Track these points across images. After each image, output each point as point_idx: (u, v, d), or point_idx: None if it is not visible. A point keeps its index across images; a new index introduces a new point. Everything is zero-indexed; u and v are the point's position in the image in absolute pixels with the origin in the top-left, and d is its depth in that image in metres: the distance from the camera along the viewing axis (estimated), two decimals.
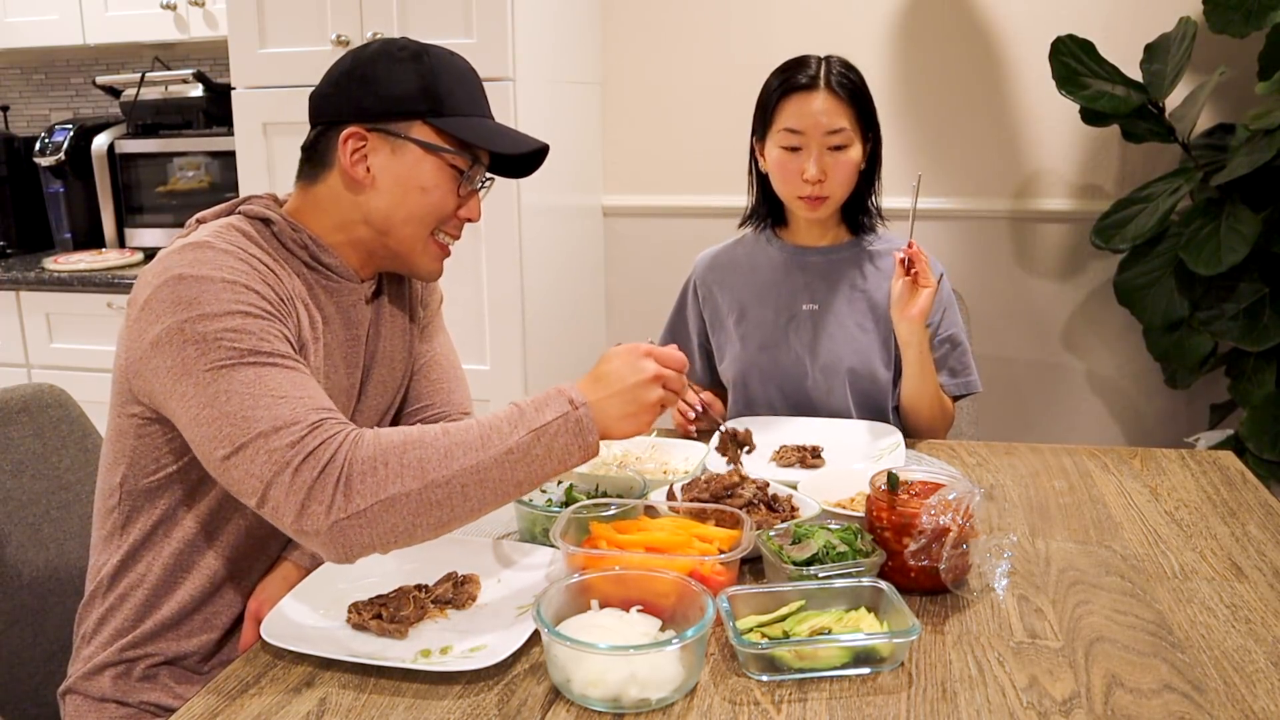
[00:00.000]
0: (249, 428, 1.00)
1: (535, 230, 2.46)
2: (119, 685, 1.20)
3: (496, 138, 1.22)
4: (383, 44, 1.21)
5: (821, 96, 1.64)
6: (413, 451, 1.00)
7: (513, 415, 1.05)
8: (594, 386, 1.08)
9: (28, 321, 2.87)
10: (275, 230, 1.20)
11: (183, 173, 2.97)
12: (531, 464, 1.03)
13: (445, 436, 1.02)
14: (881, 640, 0.98)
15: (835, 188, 1.68)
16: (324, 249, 1.22)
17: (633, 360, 1.09)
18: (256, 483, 0.99)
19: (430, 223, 1.23)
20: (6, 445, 1.40)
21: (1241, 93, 2.44)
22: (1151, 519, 1.36)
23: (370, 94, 1.18)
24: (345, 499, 0.98)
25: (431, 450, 1.01)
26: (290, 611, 1.08)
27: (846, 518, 1.23)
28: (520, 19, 2.32)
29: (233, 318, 1.05)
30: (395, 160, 1.19)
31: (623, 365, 1.09)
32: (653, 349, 1.11)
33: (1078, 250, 2.66)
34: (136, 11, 2.92)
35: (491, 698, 0.95)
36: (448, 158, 1.20)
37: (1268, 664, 0.99)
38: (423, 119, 1.19)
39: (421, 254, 1.26)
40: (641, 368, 1.08)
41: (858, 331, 1.74)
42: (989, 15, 2.59)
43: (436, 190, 1.21)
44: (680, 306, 1.92)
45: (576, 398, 1.05)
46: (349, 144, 1.18)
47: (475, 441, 1.02)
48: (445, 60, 1.21)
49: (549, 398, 1.06)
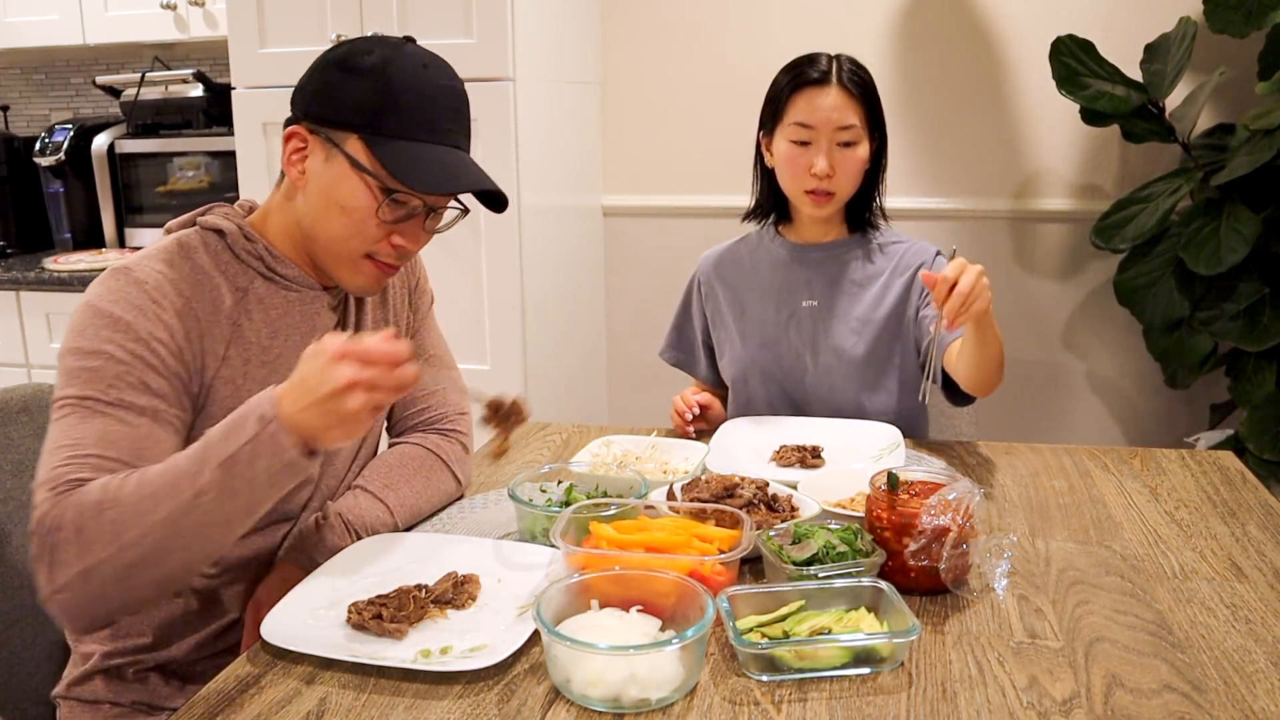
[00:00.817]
0: (39, 474, 1.02)
1: (535, 230, 2.46)
2: (111, 687, 1.21)
3: (421, 173, 1.13)
4: (351, 45, 1.17)
5: (834, 92, 1.64)
6: (107, 514, 0.96)
7: (201, 450, 0.98)
8: (292, 395, 0.97)
9: (28, 321, 2.87)
10: (228, 241, 1.19)
11: (183, 173, 2.97)
12: (233, 498, 0.97)
13: (142, 488, 0.97)
14: (881, 640, 0.98)
15: (842, 184, 1.68)
16: (279, 258, 1.21)
17: (323, 367, 0.96)
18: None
19: (354, 244, 1.17)
20: (6, 445, 1.40)
21: (1241, 93, 2.44)
22: (1151, 519, 1.36)
23: (322, 95, 1.15)
24: (52, 573, 0.96)
25: (124, 510, 0.96)
26: (290, 611, 1.08)
27: (846, 518, 1.23)
28: (520, 19, 2.32)
29: (96, 358, 1.06)
30: (326, 170, 1.16)
31: (314, 372, 0.96)
32: (349, 348, 0.96)
33: (1078, 250, 2.66)
34: (136, 11, 2.92)
35: (491, 698, 0.95)
36: (372, 181, 1.14)
37: (1268, 664, 0.99)
38: (358, 133, 1.14)
39: (350, 272, 1.20)
40: (332, 377, 0.95)
41: (859, 328, 1.74)
42: (989, 15, 2.59)
43: (356, 213, 1.15)
44: (685, 305, 1.92)
45: (266, 413, 0.97)
46: (291, 142, 1.17)
47: (166, 489, 0.96)
48: (410, 77, 1.14)
49: (240, 419, 0.98)
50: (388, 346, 0.98)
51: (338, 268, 1.21)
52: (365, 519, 1.27)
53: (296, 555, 1.23)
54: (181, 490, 0.96)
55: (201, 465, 0.96)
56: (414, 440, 1.42)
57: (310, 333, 1.24)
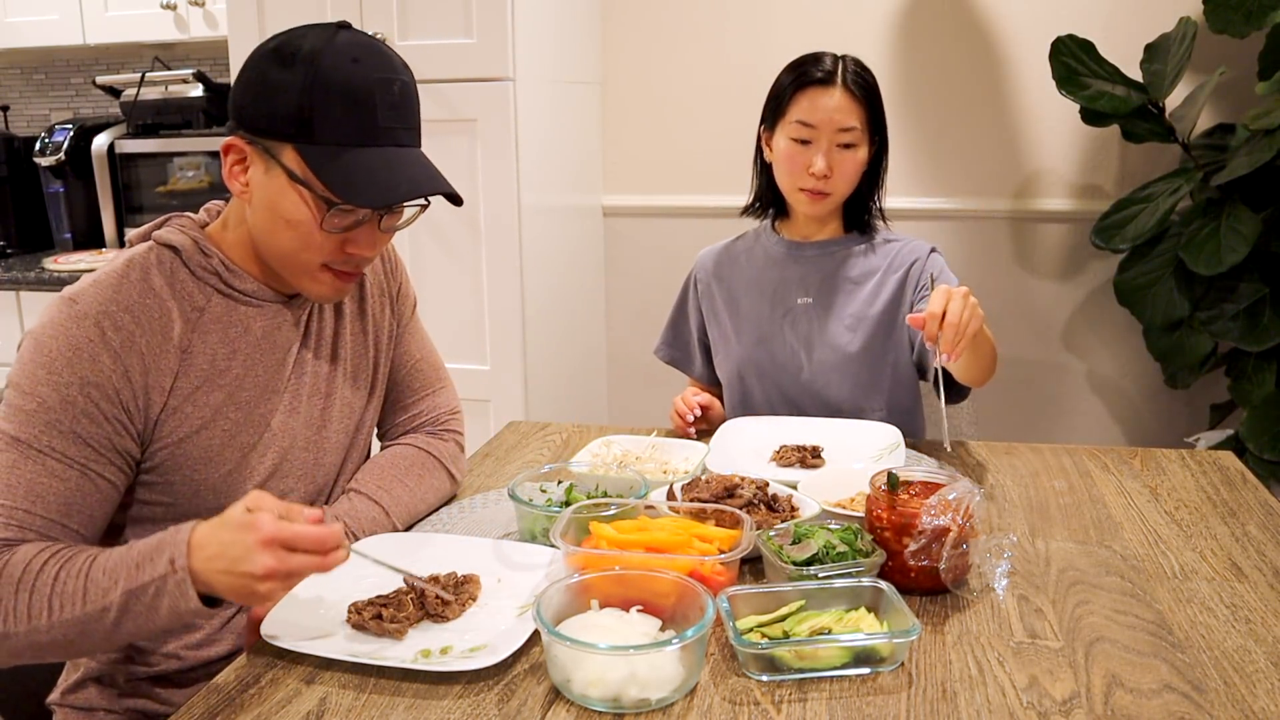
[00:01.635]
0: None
1: (535, 230, 2.46)
2: (105, 695, 1.22)
3: (362, 181, 1.07)
4: (282, 40, 1.10)
5: (837, 93, 1.65)
6: (23, 594, 0.99)
7: (114, 568, 0.99)
8: (204, 551, 0.97)
9: (28, 321, 2.87)
10: (184, 258, 1.16)
11: (183, 173, 2.97)
12: (136, 620, 0.99)
13: (55, 583, 0.99)
14: (881, 640, 0.98)
15: (839, 185, 1.68)
16: (235, 272, 1.17)
17: (247, 548, 0.94)
18: None
19: (306, 258, 1.13)
20: None
21: (1241, 93, 2.44)
22: (1151, 519, 1.36)
23: (252, 100, 1.09)
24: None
25: (39, 599, 0.99)
26: (290, 611, 1.08)
27: (846, 518, 1.23)
28: (520, 19, 2.32)
29: (31, 398, 1.06)
30: (267, 182, 1.10)
31: (237, 546, 0.95)
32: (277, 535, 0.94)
33: (1078, 250, 2.66)
34: (136, 11, 2.92)
35: (491, 698, 0.95)
36: (311, 193, 1.08)
37: (1268, 664, 0.99)
38: (292, 143, 1.07)
39: (310, 282, 1.17)
40: (253, 560, 0.93)
41: (854, 324, 1.74)
42: (989, 15, 2.59)
43: (301, 225, 1.10)
44: (681, 303, 1.93)
45: (178, 560, 0.97)
46: (230, 155, 1.11)
47: (77, 594, 0.99)
48: (339, 72, 1.06)
49: (157, 548, 0.99)
50: (316, 533, 0.96)
51: (296, 280, 1.17)
52: (361, 522, 1.27)
53: None
54: (91, 600, 0.99)
55: (112, 584, 0.99)
56: (406, 441, 1.42)
57: (272, 350, 1.21)
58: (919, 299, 1.70)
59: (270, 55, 1.09)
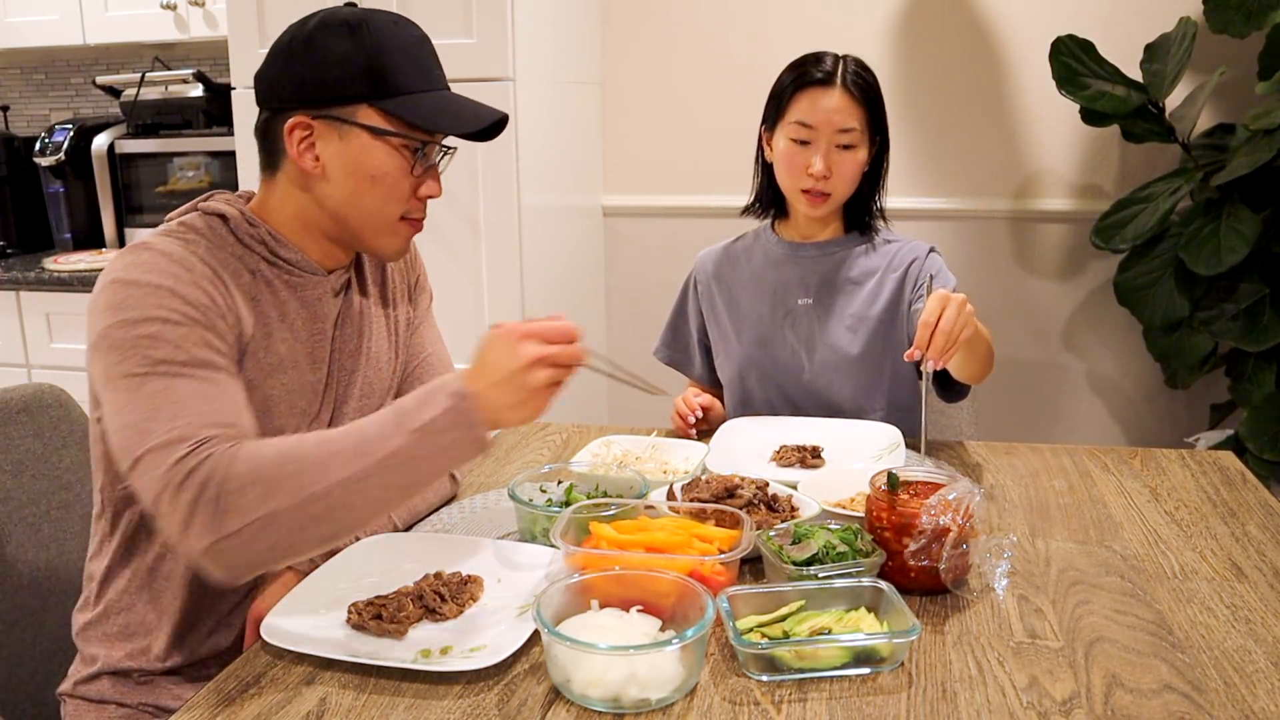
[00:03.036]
0: (145, 441, 0.99)
1: (535, 230, 2.46)
2: (117, 688, 1.21)
3: (449, 116, 1.17)
4: (322, 17, 1.15)
5: (837, 94, 1.65)
6: (289, 466, 0.98)
7: (392, 417, 1.01)
8: (476, 376, 1.02)
9: (28, 321, 2.87)
10: (231, 226, 1.18)
11: (183, 173, 2.97)
12: (418, 465, 1.00)
13: (322, 446, 0.99)
14: (881, 640, 0.98)
15: (839, 186, 1.68)
16: (282, 243, 1.20)
17: (510, 346, 1.01)
18: (149, 497, 1.00)
19: (391, 209, 1.19)
20: (6, 445, 1.40)
21: (1241, 93, 2.44)
22: (1151, 519, 1.36)
23: (311, 76, 1.13)
24: (220, 520, 0.96)
25: (308, 463, 0.98)
26: (290, 611, 1.08)
27: (846, 518, 1.23)
28: (520, 19, 2.32)
29: (151, 324, 1.04)
30: (344, 148, 1.15)
31: (501, 353, 1.02)
32: (532, 328, 1.03)
33: (1078, 250, 2.66)
34: (136, 11, 2.92)
35: (491, 698, 0.95)
36: (398, 141, 1.15)
37: (1268, 664, 0.99)
38: (368, 102, 1.14)
39: (387, 236, 1.22)
40: (520, 353, 1.00)
41: (854, 325, 1.74)
42: (989, 15, 2.59)
43: (389, 177, 1.17)
44: (681, 304, 1.93)
45: (459, 389, 1.01)
46: (295, 134, 1.15)
47: (353, 450, 0.99)
48: (388, 31, 1.14)
49: (431, 393, 1.02)
50: (562, 324, 1.04)
51: (376, 238, 1.21)
52: None
53: None
54: (369, 452, 0.99)
55: (396, 429, 0.99)
56: None
57: (314, 320, 1.23)
58: (916, 298, 1.71)
59: (315, 29, 1.14)
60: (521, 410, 1.02)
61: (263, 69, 1.18)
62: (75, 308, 2.82)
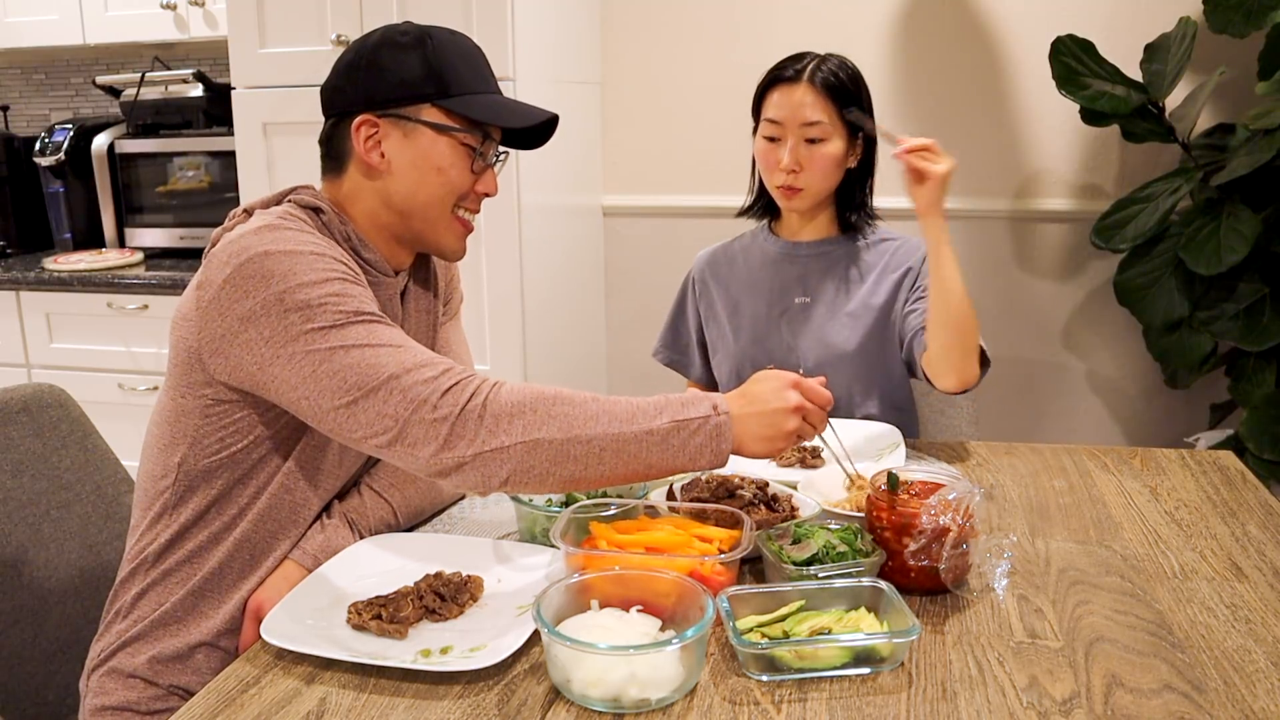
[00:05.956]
0: (376, 373, 1.05)
1: (535, 230, 2.46)
2: (152, 664, 1.18)
3: (505, 113, 1.25)
4: (384, 31, 1.23)
5: (802, 89, 1.66)
6: (560, 406, 1.05)
7: (659, 402, 1.08)
8: (739, 401, 1.11)
9: (28, 321, 2.87)
10: (325, 220, 1.22)
11: (183, 173, 2.97)
12: (666, 451, 1.06)
13: (594, 402, 1.07)
14: (881, 640, 0.98)
15: (811, 180, 1.69)
16: (364, 243, 1.25)
17: (779, 387, 1.12)
18: (390, 421, 1.04)
19: (450, 201, 1.26)
20: (6, 445, 1.40)
21: (1241, 93, 2.44)
22: (1151, 519, 1.36)
23: (378, 81, 1.21)
24: (490, 434, 1.03)
25: (579, 409, 1.06)
26: (290, 611, 1.08)
27: (846, 518, 1.23)
28: (520, 19, 2.32)
29: (330, 284, 1.09)
30: (409, 144, 1.22)
31: (769, 390, 1.12)
32: (800, 381, 1.13)
33: (1078, 250, 2.66)
34: (136, 11, 2.92)
35: (491, 698, 0.95)
36: (459, 137, 1.23)
37: (1268, 664, 0.99)
38: (431, 101, 1.22)
39: (445, 232, 1.28)
40: (785, 397, 1.11)
41: (850, 324, 1.75)
42: (989, 15, 2.59)
43: (452, 169, 1.24)
44: (680, 303, 1.93)
45: (721, 405, 1.09)
46: (361, 131, 1.21)
47: (621, 413, 1.06)
48: (448, 41, 1.23)
49: (696, 398, 1.09)
50: (826, 391, 1.16)
51: (437, 233, 1.27)
52: (370, 519, 1.28)
53: (300, 554, 1.23)
54: (635, 422, 1.06)
55: (660, 413, 1.07)
56: None
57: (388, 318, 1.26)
58: (911, 300, 1.71)
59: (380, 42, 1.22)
60: (763, 445, 1.10)
61: (329, 82, 1.25)
62: (75, 308, 2.82)
